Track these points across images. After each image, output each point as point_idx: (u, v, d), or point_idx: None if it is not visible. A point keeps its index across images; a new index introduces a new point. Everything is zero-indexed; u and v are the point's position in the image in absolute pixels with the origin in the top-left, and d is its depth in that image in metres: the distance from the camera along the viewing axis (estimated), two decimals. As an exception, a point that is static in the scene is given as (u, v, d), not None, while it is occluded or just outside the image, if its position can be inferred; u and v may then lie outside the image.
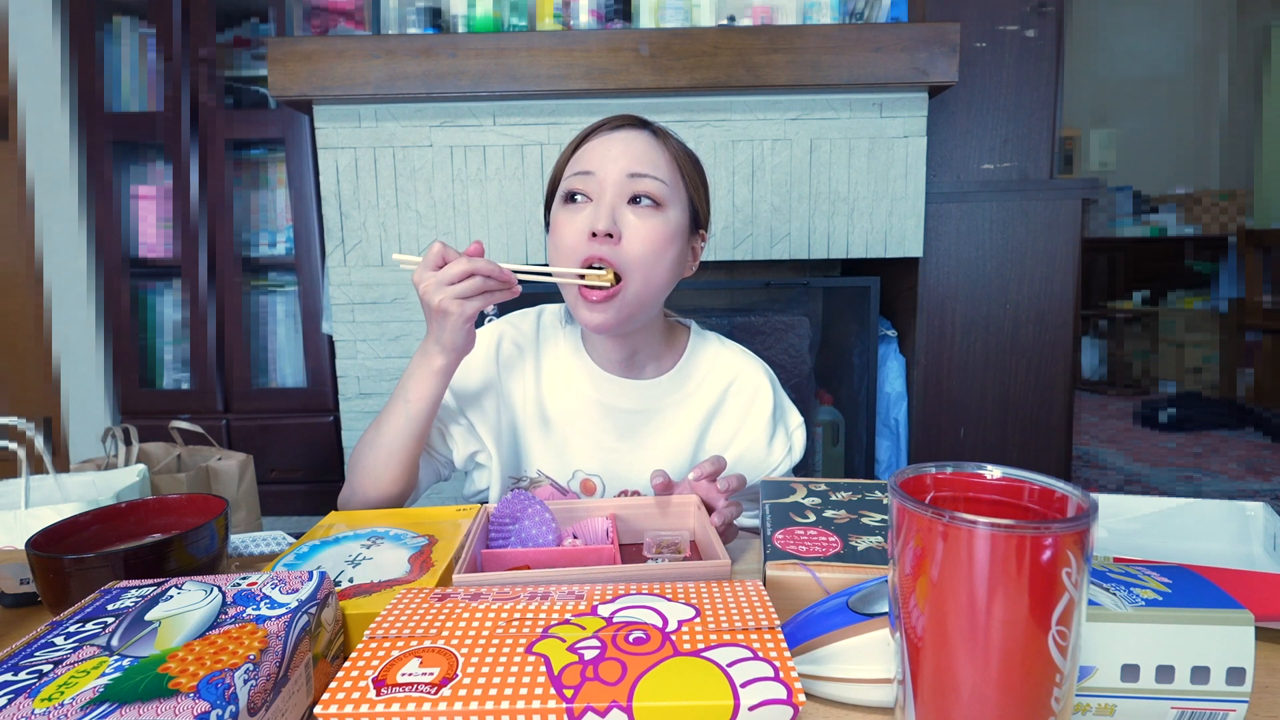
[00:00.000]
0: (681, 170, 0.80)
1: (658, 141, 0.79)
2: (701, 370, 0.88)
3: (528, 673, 0.37)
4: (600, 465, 0.85)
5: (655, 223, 0.76)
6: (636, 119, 0.81)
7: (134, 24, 2.01)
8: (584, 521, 0.68)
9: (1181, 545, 0.63)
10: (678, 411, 0.86)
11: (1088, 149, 4.55)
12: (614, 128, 0.79)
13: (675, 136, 0.82)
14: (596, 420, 0.85)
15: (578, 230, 0.75)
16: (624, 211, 0.76)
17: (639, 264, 0.75)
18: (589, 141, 0.79)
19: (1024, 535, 0.33)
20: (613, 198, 0.75)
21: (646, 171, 0.76)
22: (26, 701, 0.35)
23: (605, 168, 0.76)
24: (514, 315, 0.91)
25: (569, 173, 0.79)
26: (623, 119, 0.80)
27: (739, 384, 0.88)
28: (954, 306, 1.78)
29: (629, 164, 0.76)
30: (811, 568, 0.52)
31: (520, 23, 1.66)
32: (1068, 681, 0.35)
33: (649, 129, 0.80)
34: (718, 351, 0.90)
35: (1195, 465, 2.92)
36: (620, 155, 0.76)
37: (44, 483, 0.79)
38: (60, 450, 2.07)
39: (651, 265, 0.76)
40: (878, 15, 1.65)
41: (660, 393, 0.86)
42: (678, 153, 0.81)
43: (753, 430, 0.88)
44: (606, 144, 0.78)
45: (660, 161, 0.78)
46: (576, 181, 0.77)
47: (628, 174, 0.75)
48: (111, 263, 2.00)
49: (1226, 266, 4.07)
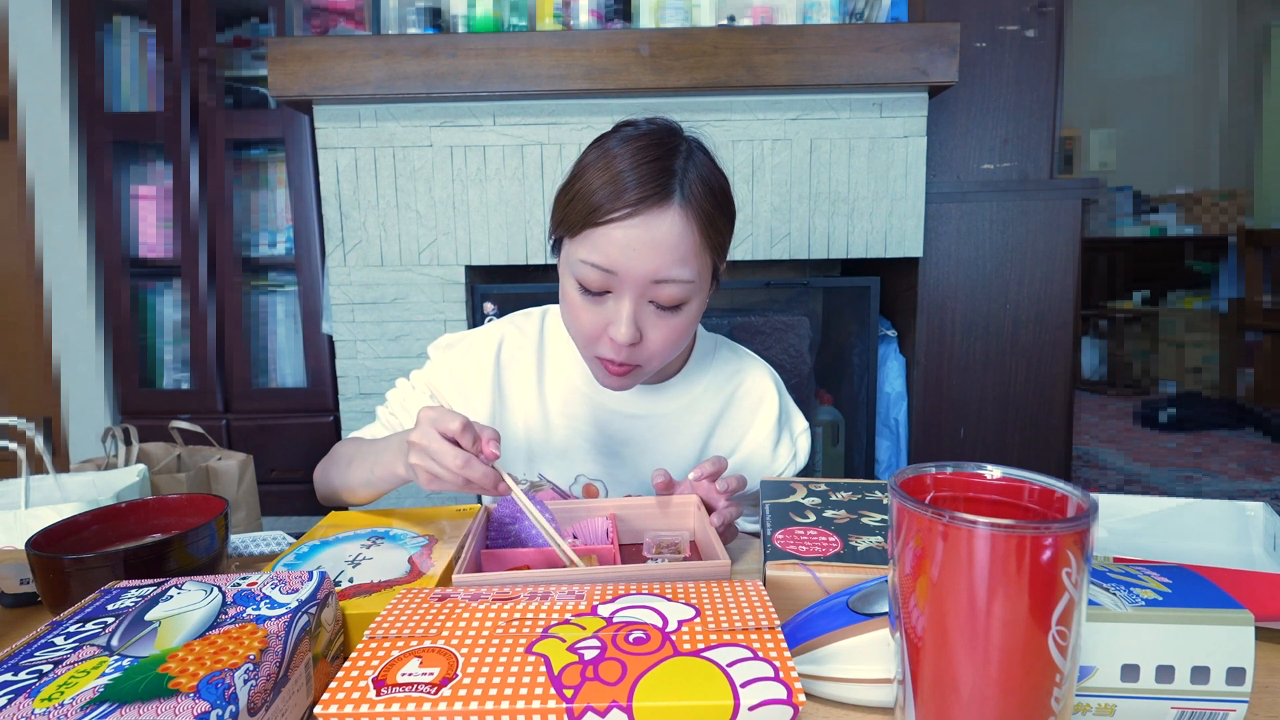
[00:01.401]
0: (710, 245, 0.72)
1: (686, 221, 0.69)
2: (707, 375, 0.87)
3: (528, 673, 0.37)
4: (603, 470, 0.85)
5: (677, 321, 0.73)
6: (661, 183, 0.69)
7: (134, 24, 2.01)
8: (584, 522, 0.68)
9: (1181, 545, 0.63)
10: (683, 417, 0.86)
11: (1088, 149, 4.55)
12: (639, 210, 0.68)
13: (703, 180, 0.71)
14: (600, 425, 0.84)
15: (597, 324, 0.73)
16: (645, 311, 0.72)
17: (657, 356, 0.75)
18: (610, 227, 0.69)
19: (1024, 535, 0.33)
20: (634, 300, 0.71)
21: (672, 276, 0.70)
22: (26, 701, 0.35)
23: (628, 270, 0.69)
24: (517, 316, 0.90)
25: (585, 255, 0.70)
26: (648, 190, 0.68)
27: (745, 388, 0.88)
28: (954, 306, 1.78)
29: (655, 268, 0.69)
30: (811, 568, 0.52)
31: (520, 23, 1.66)
32: (1068, 681, 0.35)
33: (676, 198, 0.69)
34: (724, 356, 0.89)
35: (1195, 465, 2.92)
36: (646, 254, 0.69)
37: (44, 483, 0.79)
38: (60, 450, 2.07)
39: (669, 353, 0.76)
40: (878, 15, 1.65)
41: (665, 398, 0.85)
42: (706, 223, 0.71)
43: (758, 435, 0.87)
44: (630, 235, 0.68)
45: (688, 253, 0.70)
46: (594, 275, 0.70)
47: (652, 280, 0.70)
48: (111, 263, 2.00)
49: (1226, 266, 4.07)
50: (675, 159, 0.71)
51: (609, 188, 0.69)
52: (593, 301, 0.72)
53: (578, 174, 0.73)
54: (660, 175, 0.69)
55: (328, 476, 0.82)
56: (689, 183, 0.70)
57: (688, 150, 0.72)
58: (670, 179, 0.69)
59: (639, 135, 0.72)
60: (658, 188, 0.69)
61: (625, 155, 0.70)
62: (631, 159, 0.69)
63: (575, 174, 0.73)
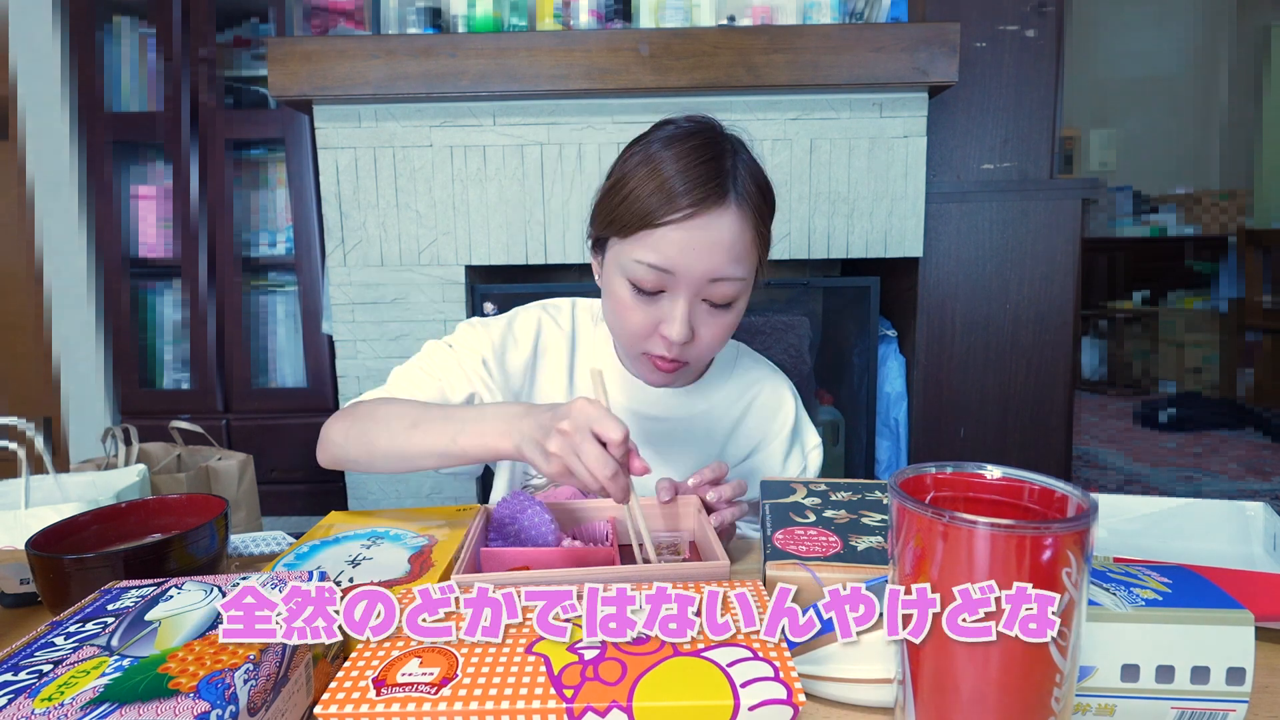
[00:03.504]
0: (760, 239, 0.74)
1: (742, 219, 0.71)
2: (729, 383, 0.88)
3: (528, 673, 0.37)
4: None
5: (728, 319, 0.74)
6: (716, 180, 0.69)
7: (134, 24, 2.01)
8: (584, 524, 0.68)
9: (1181, 545, 0.63)
10: (702, 423, 0.86)
11: (1088, 149, 4.55)
12: (695, 210, 0.68)
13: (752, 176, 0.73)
14: None
15: (648, 322, 0.73)
16: (698, 309, 0.73)
17: (706, 353, 0.77)
18: (669, 229, 0.69)
19: (1024, 535, 0.33)
20: (689, 299, 0.71)
21: (728, 274, 0.71)
22: (26, 701, 0.35)
23: (685, 270, 0.70)
24: (549, 304, 0.89)
25: (641, 255, 0.70)
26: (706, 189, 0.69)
27: (762, 399, 0.88)
28: (954, 306, 1.78)
29: (712, 267, 0.70)
30: (811, 568, 0.52)
31: (520, 23, 1.66)
32: (1068, 681, 0.35)
33: (731, 197, 0.70)
34: (745, 364, 0.90)
35: (1195, 465, 2.92)
36: (704, 254, 0.69)
37: (44, 483, 0.79)
38: (60, 450, 2.07)
39: (716, 349, 0.78)
40: (878, 15, 1.65)
41: (687, 403, 0.86)
42: (758, 218, 0.73)
43: (770, 446, 0.88)
44: (689, 236, 0.69)
45: (743, 252, 0.71)
46: (650, 275, 0.70)
47: (709, 279, 0.71)
48: (111, 263, 2.00)
49: (1226, 266, 4.07)
50: (725, 159, 0.71)
51: (664, 190, 0.69)
52: (645, 301, 0.73)
53: (625, 176, 0.72)
54: (715, 176, 0.70)
55: (367, 436, 0.72)
56: (740, 180, 0.71)
57: (733, 149, 0.73)
58: (725, 178, 0.70)
59: (686, 135, 0.72)
60: (715, 188, 0.69)
61: (676, 157, 0.70)
62: (684, 160, 0.70)
63: (622, 176, 0.73)
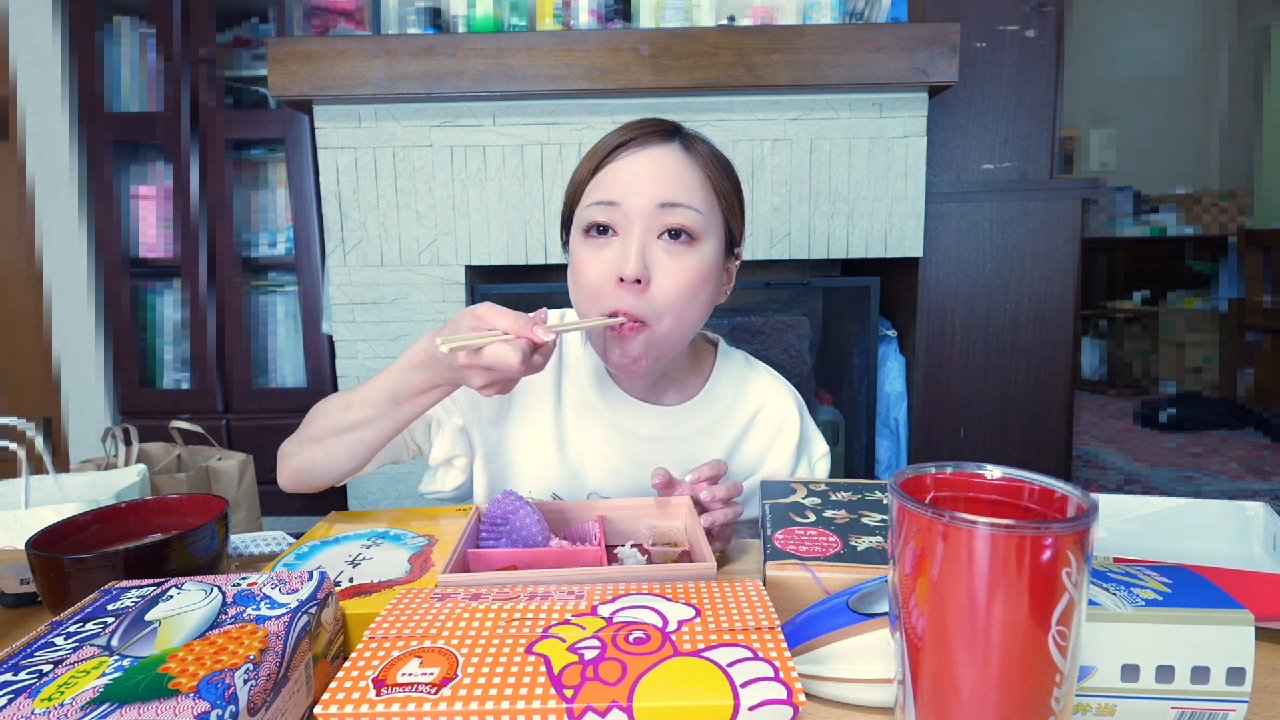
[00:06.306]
0: (716, 189, 0.72)
1: (690, 157, 0.71)
2: (727, 396, 0.84)
3: (528, 673, 0.37)
4: (616, 490, 0.81)
5: (689, 262, 0.69)
6: (663, 127, 0.71)
7: (134, 24, 2.01)
8: (573, 526, 0.68)
9: (1181, 545, 0.63)
10: (700, 440, 0.82)
11: (1088, 149, 4.55)
12: (640, 142, 0.70)
13: (706, 142, 0.74)
14: (614, 445, 0.81)
15: (603, 271, 0.69)
16: (654, 249, 0.69)
17: (669, 309, 0.69)
18: (612, 161, 0.70)
19: (1024, 535, 0.33)
20: (641, 233, 0.68)
21: (680, 200, 0.68)
22: (26, 701, 0.35)
23: (633, 197, 0.68)
24: None
25: (590, 199, 0.70)
26: (648, 128, 0.71)
27: (766, 412, 0.84)
28: (954, 306, 1.78)
29: (660, 191, 0.68)
30: (811, 568, 0.52)
31: (520, 23, 1.66)
32: (1068, 681, 0.35)
33: (678, 139, 0.72)
34: (745, 376, 0.86)
35: (1195, 465, 2.92)
36: (649, 180, 0.68)
37: (44, 483, 0.79)
38: (60, 450, 2.07)
39: (683, 309, 0.70)
40: (878, 15, 1.65)
41: (683, 420, 0.82)
42: (711, 167, 0.72)
43: (776, 459, 0.85)
44: (633, 165, 0.69)
45: (694, 184, 0.70)
46: (599, 212, 0.69)
47: (658, 204, 0.68)
48: (111, 263, 2.00)
49: (1226, 266, 4.07)
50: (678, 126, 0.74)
51: (610, 140, 0.72)
52: (599, 247, 0.70)
53: None
54: (662, 124, 0.73)
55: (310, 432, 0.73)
56: (690, 137, 0.73)
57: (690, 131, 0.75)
58: (673, 128, 0.73)
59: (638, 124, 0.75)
60: (660, 129, 0.72)
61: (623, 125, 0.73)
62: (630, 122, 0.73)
63: None
